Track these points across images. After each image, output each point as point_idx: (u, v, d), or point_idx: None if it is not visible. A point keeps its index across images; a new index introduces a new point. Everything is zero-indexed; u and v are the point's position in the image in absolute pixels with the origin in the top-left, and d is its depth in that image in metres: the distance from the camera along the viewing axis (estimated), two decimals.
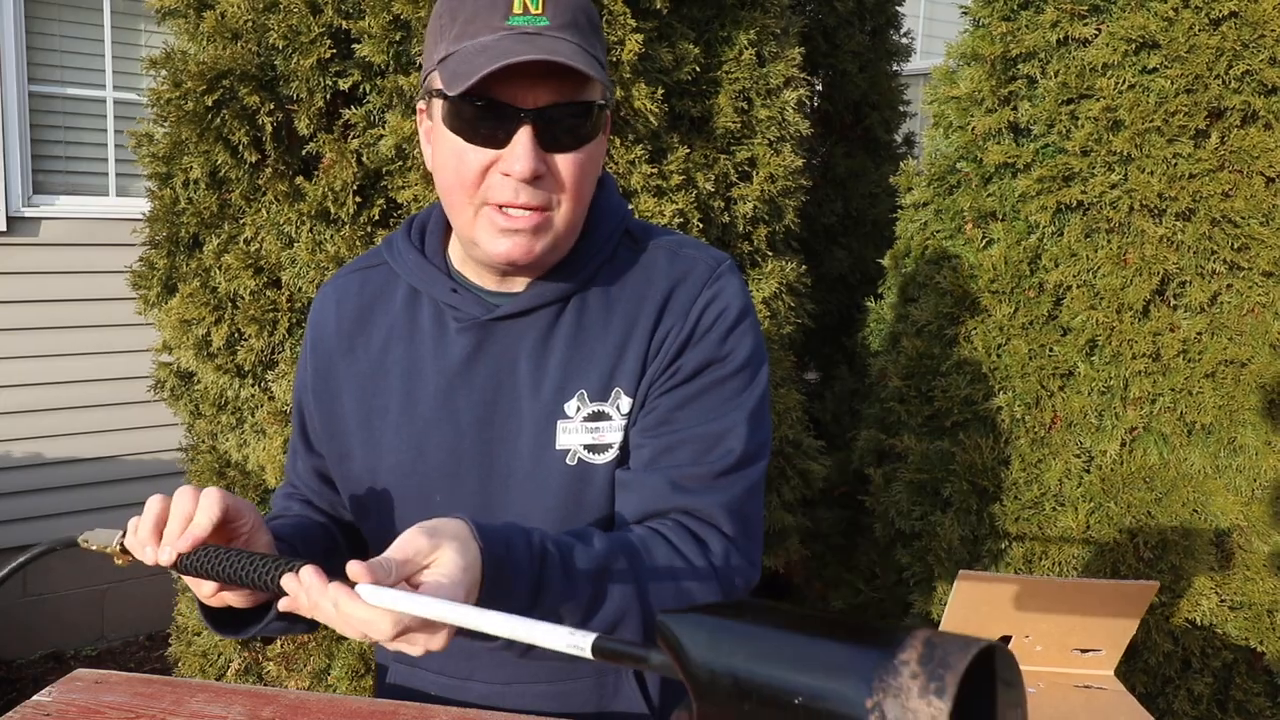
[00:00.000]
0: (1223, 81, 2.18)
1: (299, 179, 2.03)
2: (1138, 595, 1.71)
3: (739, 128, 2.27)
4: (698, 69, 2.17)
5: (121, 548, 0.90)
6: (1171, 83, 2.20)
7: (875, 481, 2.57)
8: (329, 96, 2.00)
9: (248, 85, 1.95)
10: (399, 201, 2.01)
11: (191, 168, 2.05)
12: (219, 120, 1.97)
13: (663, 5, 2.08)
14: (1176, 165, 2.22)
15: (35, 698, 1.02)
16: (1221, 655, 2.32)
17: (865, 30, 3.55)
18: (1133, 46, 2.23)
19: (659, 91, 2.07)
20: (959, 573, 1.70)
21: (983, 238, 2.43)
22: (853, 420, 2.91)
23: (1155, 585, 1.70)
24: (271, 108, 1.97)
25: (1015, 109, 2.37)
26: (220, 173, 2.04)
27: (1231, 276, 2.23)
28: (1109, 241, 2.28)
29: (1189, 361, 2.26)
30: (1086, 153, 2.28)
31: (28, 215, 3.52)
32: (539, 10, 0.94)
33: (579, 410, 1.03)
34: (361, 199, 2.01)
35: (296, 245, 2.02)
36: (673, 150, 2.13)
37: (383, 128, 1.99)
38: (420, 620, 0.74)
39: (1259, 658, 2.32)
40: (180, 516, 0.87)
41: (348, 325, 1.12)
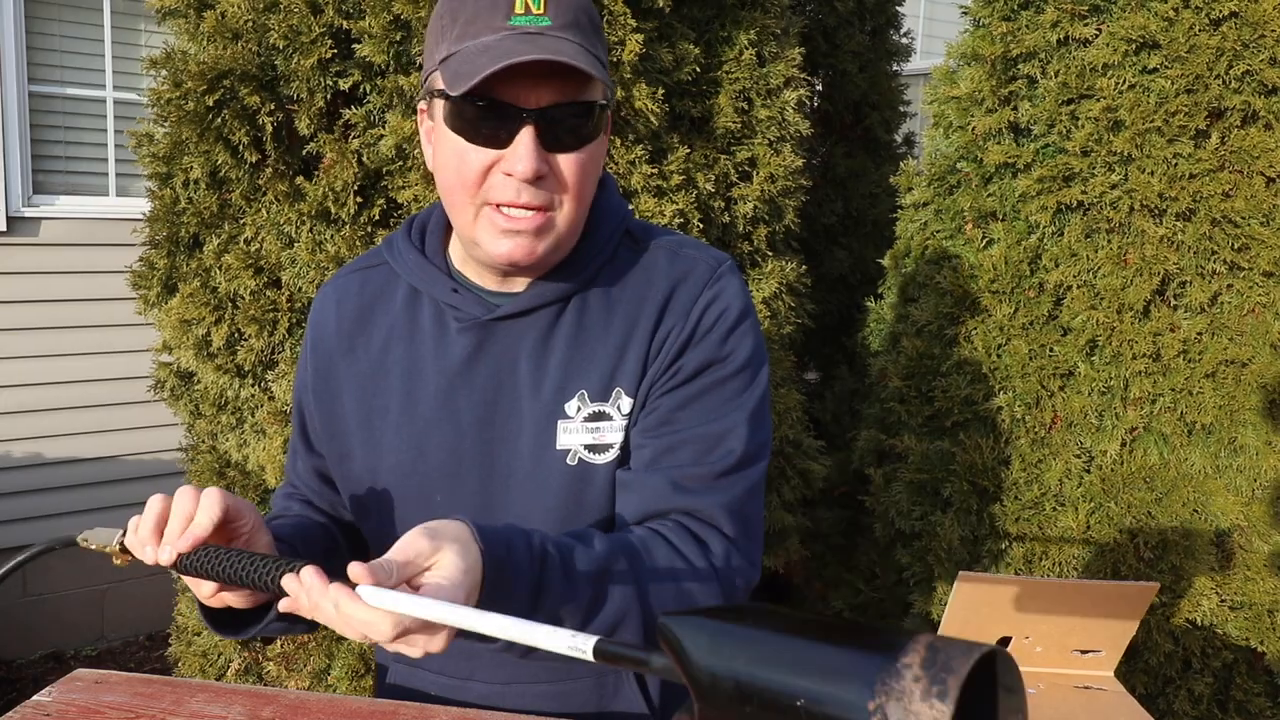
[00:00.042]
0: (1223, 82, 2.18)
1: (299, 179, 2.03)
2: (1138, 596, 1.71)
3: (739, 128, 2.27)
4: (698, 69, 2.17)
5: (121, 547, 0.90)
6: (1172, 83, 2.20)
7: (875, 481, 2.57)
8: (329, 96, 2.00)
9: (248, 85, 1.95)
10: (399, 201, 2.01)
11: (192, 168, 2.05)
12: (219, 120, 1.97)
13: (665, 4, 2.08)
14: (1177, 165, 2.22)
15: (35, 698, 1.02)
16: (1222, 655, 2.32)
17: (865, 30, 3.55)
18: (1133, 46, 2.23)
19: (659, 91, 2.07)
20: (959, 574, 1.70)
21: (983, 238, 2.43)
22: (853, 420, 2.91)
23: (1155, 586, 1.70)
24: (272, 108, 1.97)
25: (1015, 109, 2.37)
26: (220, 173, 2.04)
27: (1232, 277, 2.23)
28: (1109, 242, 2.28)
29: (1189, 362, 2.26)
30: (1087, 153, 2.28)
31: (28, 215, 3.52)
32: (541, 10, 0.94)
33: (579, 410, 1.03)
34: (362, 199, 2.00)
35: (297, 245, 2.02)
36: (673, 150, 2.13)
37: (383, 128, 1.99)
38: (420, 622, 0.75)
39: (1259, 658, 2.32)
40: (181, 516, 0.87)
41: (348, 325, 1.12)
